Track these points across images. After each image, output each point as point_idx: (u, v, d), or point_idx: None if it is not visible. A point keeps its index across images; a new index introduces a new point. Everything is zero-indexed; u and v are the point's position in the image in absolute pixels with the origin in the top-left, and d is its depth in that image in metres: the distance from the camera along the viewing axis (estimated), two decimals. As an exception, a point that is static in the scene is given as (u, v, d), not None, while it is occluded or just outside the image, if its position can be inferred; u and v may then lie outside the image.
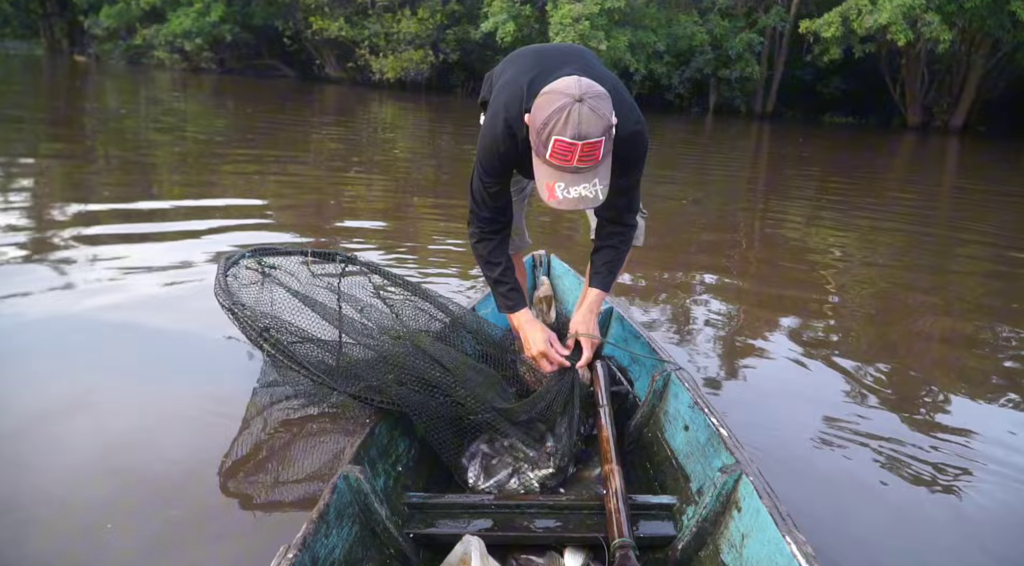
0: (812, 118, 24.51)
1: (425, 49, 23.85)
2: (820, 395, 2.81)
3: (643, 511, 1.62)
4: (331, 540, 1.35)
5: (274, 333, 1.80)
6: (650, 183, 8.87)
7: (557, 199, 1.60)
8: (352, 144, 10.57)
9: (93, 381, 2.48)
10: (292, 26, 25.77)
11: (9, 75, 19.46)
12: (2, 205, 4.95)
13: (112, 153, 8.13)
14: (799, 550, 1.21)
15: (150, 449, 2.12)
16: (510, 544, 1.57)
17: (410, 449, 1.85)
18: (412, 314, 2.23)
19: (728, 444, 1.59)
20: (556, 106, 1.52)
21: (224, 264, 2.04)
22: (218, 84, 21.50)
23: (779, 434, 2.42)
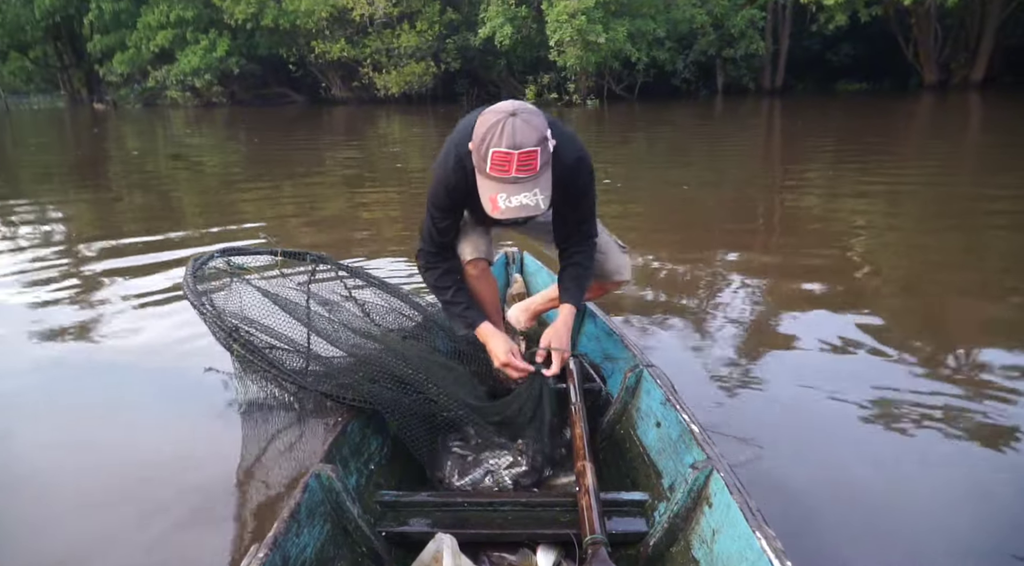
0: (825, 88, 24.06)
1: (427, 61, 24.04)
2: (857, 377, 2.67)
3: (615, 507, 1.63)
4: (302, 539, 1.36)
5: (243, 333, 1.78)
6: (661, 169, 8.87)
7: (500, 209, 1.68)
8: (363, 162, 10.66)
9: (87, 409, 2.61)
10: (296, 52, 26.19)
11: (36, 128, 20.17)
12: (34, 246, 5.12)
13: (134, 192, 8.40)
14: (769, 546, 1.22)
15: (125, 461, 2.21)
16: (482, 542, 1.57)
17: (383, 447, 1.86)
18: (384, 313, 2.24)
19: (699, 440, 1.58)
20: (492, 122, 1.65)
21: (193, 265, 2.00)
22: (229, 117, 21.94)
23: (807, 420, 2.39)
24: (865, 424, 2.34)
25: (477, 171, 1.74)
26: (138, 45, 26.88)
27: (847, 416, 2.39)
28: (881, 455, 2.16)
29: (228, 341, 1.80)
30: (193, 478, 2.10)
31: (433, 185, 1.92)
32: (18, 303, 3.84)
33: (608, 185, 7.53)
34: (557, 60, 21.01)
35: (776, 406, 2.49)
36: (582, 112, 19.98)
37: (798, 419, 2.40)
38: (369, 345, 1.99)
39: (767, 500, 1.45)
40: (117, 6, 27.17)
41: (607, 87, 23.11)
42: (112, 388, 2.79)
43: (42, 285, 4.14)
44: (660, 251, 4.71)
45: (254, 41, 26.31)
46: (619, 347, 2.22)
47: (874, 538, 1.78)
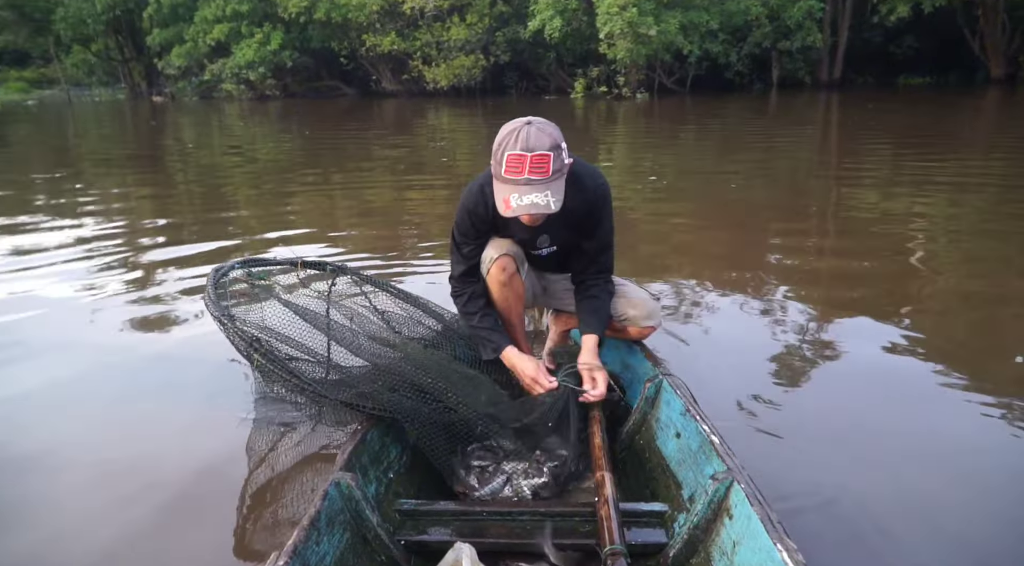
0: (886, 82, 23.28)
1: (476, 54, 24.08)
2: (900, 390, 2.59)
3: (634, 518, 1.62)
4: (322, 547, 1.36)
5: (264, 343, 1.80)
6: (712, 164, 8.68)
7: (512, 208, 1.77)
8: (411, 155, 10.74)
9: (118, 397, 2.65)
10: (347, 46, 26.54)
11: (97, 120, 20.87)
12: (94, 235, 5.25)
13: (189, 182, 8.62)
14: (790, 557, 1.20)
15: (147, 464, 2.22)
16: (501, 551, 1.57)
17: (402, 456, 1.86)
18: (404, 322, 2.25)
19: (720, 451, 1.57)
20: (508, 131, 1.79)
21: (214, 275, 2.03)
22: (282, 109, 22.35)
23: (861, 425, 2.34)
24: (899, 440, 2.24)
25: (494, 177, 1.84)
26: (195, 39, 27.60)
27: (880, 430, 2.30)
28: (914, 472, 2.06)
29: (249, 351, 1.81)
30: (212, 484, 2.11)
31: (458, 210, 2.05)
32: (73, 292, 3.95)
33: (654, 183, 7.41)
34: (607, 53, 20.81)
35: (804, 417, 2.41)
36: (631, 105, 19.75)
37: (827, 431, 2.32)
38: (389, 354, 1.99)
39: (789, 512, 1.45)
40: (175, 0, 27.93)
41: (658, 80, 22.78)
42: (136, 385, 2.82)
43: (98, 273, 4.25)
44: (703, 251, 4.61)
45: (307, 34, 26.75)
46: (638, 357, 2.22)
47: (900, 556, 1.72)
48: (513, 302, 2.13)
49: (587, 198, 1.99)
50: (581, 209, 1.97)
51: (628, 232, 5.30)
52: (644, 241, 5.00)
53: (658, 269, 4.28)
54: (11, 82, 35.56)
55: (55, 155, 12.01)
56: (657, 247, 4.82)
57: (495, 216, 1.97)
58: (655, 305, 2.25)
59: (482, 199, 1.99)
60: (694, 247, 4.78)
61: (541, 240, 2.10)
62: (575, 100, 22.46)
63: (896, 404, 2.48)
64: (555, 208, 1.77)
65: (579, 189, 1.93)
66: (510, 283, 2.08)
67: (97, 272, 4.33)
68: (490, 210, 1.97)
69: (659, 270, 4.25)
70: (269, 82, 27.48)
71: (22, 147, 13.15)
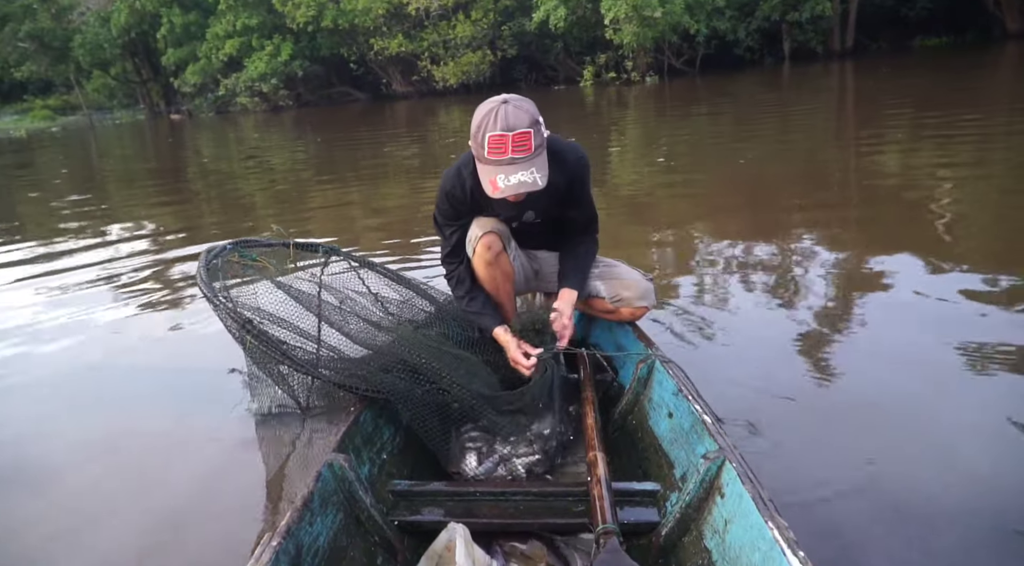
0: (901, 45, 22.72)
1: (483, 50, 24.06)
2: (914, 371, 2.48)
3: (627, 498, 1.63)
4: (315, 528, 1.38)
5: (256, 325, 1.79)
6: (725, 143, 8.60)
7: (500, 189, 1.79)
8: (420, 154, 10.83)
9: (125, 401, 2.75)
10: (356, 51, 26.67)
11: (119, 141, 21.28)
12: (115, 254, 5.39)
13: (207, 194, 8.83)
14: (781, 535, 1.21)
15: (142, 451, 2.33)
16: (495, 531, 1.58)
17: (395, 437, 1.88)
18: (397, 303, 2.27)
19: (712, 431, 1.58)
20: (485, 112, 1.78)
21: (206, 256, 2.00)
22: (296, 119, 22.57)
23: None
24: (900, 420, 2.19)
25: (476, 160, 1.85)
26: (208, 55, 27.96)
27: (881, 412, 2.24)
28: (913, 459, 2.01)
29: (241, 333, 1.80)
30: (205, 469, 2.16)
31: (438, 194, 2.08)
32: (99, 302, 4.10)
33: (662, 164, 7.39)
34: (613, 38, 20.63)
35: (799, 396, 2.35)
36: (641, 90, 19.59)
37: (823, 412, 2.26)
38: (382, 336, 2.00)
39: (780, 490, 1.44)
40: (186, 19, 28.35)
41: (667, 62, 22.54)
42: (144, 385, 2.92)
43: (122, 287, 4.40)
44: (708, 230, 4.59)
45: (316, 43, 26.95)
46: (631, 338, 2.22)
47: (890, 532, 1.71)
48: (501, 281, 2.13)
49: (568, 170, 2.01)
50: (563, 182, 2.00)
51: (633, 213, 5.33)
52: (647, 222, 5.03)
53: (659, 249, 4.30)
54: (36, 110, 36.32)
55: (79, 176, 12.33)
56: (661, 228, 4.83)
57: (475, 196, 1.99)
58: (648, 285, 2.25)
59: (459, 181, 2.00)
60: (698, 227, 4.77)
61: (527, 216, 2.11)
62: (584, 88, 22.33)
63: (905, 390, 2.36)
64: (542, 184, 1.78)
65: (560, 162, 1.95)
66: (496, 262, 2.08)
67: (120, 280, 4.48)
68: (468, 192, 2.00)
69: (660, 250, 4.27)
70: (282, 93, 27.74)
71: (48, 169, 13.52)
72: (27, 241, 6.31)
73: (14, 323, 3.83)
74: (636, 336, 2.19)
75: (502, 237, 2.08)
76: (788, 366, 2.57)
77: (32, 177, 12.82)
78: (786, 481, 1.82)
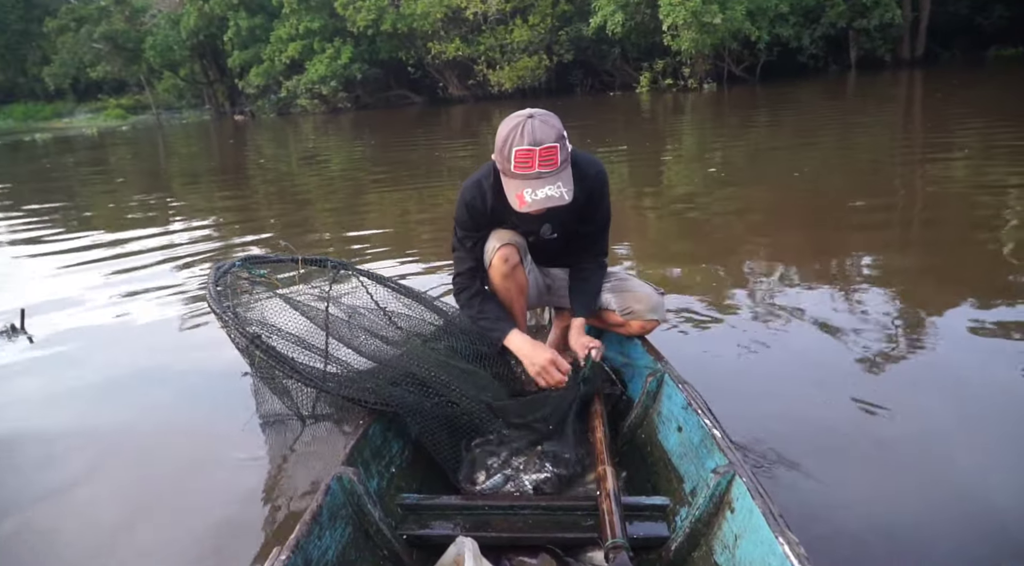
0: (974, 55, 21.84)
1: (539, 54, 24.09)
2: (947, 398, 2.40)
3: (636, 512, 1.62)
4: (324, 541, 1.37)
5: (264, 340, 1.80)
6: (784, 154, 8.37)
7: (527, 203, 1.80)
8: (477, 156, 10.84)
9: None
10: (414, 55, 27.06)
11: (186, 140, 22.05)
12: (174, 249, 5.58)
13: (270, 192, 9.06)
14: (791, 551, 1.20)
15: (149, 462, 2.34)
16: (504, 545, 1.58)
17: (404, 450, 1.88)
18: (405, 318, 2.26)
19: (721, 445, 1.57)
20: (511, 126, 1.80)
21: (215, 273, 2.03)
22: (354, 121, 22.99)
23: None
24: (922, 456, 2.11)
25: (502, 174, 1.87)
26: (271, 58, 28.75)
27: (894, 437, 2.17)
28: (925, 476, 1.99)
29: (250, 348, 1.80)
30: (215, 482, 2.16)
31: (457, 206, 2.08)
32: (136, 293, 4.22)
33: (713, 175, 7.23)
34: (671, 44, 20.39)
35: (814, 416, 2.31)
36: (698, 97, 19.30)
37: (838, 432, 2.21)
38: (390, 350, 2.00)
39: (791, 506, 1.47)
40: (252, 22, 29.20)
41: (727, 69, 22.17)
42: (160, 386, 2.95)
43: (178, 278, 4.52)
44: (754, 247, 4.46)
45: (375, 46, 27.44)
46: (640, 351, 2.23)
47: (901, 550, 1.69)
48: (515, 294, 2.14)
49: (589, 185, 2.03)
50: (583, 196, 2.01)
51: (673, 225, 5.22)
52: (688, 235, 4.92)
53: (691, 262, 4.20)
54: (110, 110, 37.92)
55: (147, 173, 12.82)
56: (700, 241, 4.72)
57: (495, 209, 2.00)
58: (659, 299, 2.25)
59: (480, 192, 2.02)
60: (738, 243, 4.64)
61: (544, 230, 2.11)
62: (640, 94, 22.14)
63: (939, 426, 2.27)
64: (568, 198, 1.81)
65: (581, 177, 1.97)
66: (512, 275, 2.10)
67: (177, 277, 4.61)
68: (488, 203, 2.01)
69: (691, 264, 4.17)
70: (341, 95, 28.32)
71: (118, 166, 14.10)
72: (95, 231, 6.59)
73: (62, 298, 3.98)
74: (645, 349, 2.19)
75: (519, 250, 2.09)
76: (829, 393, 2.46)
77: (104, 173, 13.36)
78: (795, 497, 1.81)
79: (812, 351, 2.84)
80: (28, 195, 10.27)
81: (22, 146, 22.21)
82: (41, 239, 6.48)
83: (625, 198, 6.40)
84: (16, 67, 41.63)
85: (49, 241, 6.36)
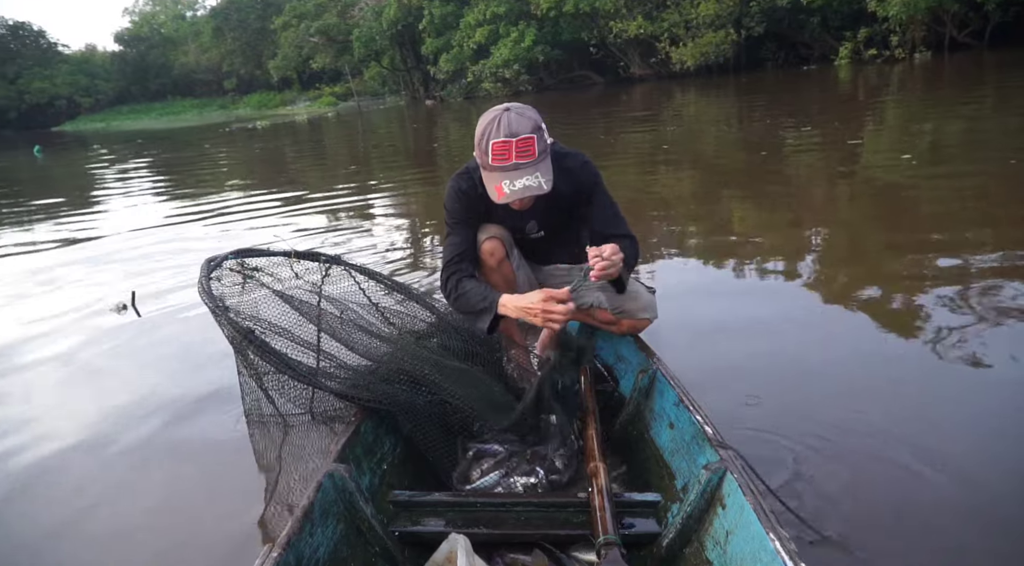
0: None
1: (726, 29, 22.81)
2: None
3: (628, 508, 1.62)
4: (316, 539, 1.38)
5: (257, 335, 1.77)
6: (1011, 133, 7.22)
7: (505, 194, 1.81)
8: (656, 140, 10.55)
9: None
10: (596, 34, 26.87)
11: (387, 123, 23.79)
12: (375, 221, 6.02)
13: (450, 166, 9.52)
14: (782, 547, 1.21)
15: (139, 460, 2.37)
16: (496, 542, 1.58)
17: (396, 447, 1.87)
18: (397, 314, 2.21)
19: (713, 441, 1.57)
20: (488, 119, 1.82)
21: (207, 266, 1.98)
22: (535, 103, 22.77)
23: None
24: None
25: (482, 168, 1.88)
26: (460, 44, 30.06)
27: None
28: (919, 468, 1.91)
29: (242, 343, 1.76)
30: (205, 479, 2.17)
31: (447, 196, 2.07)
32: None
33: (906, 162, 6.40)
34: (877, 11, 18.32)
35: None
36: (906, 68, 17.18)
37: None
38: (383, 347, 1.95)
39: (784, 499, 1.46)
40: (445, 10, 30.69)
41: (948, 35, 19.50)
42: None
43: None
44: (931, 249, 3.86)
45: (558, 28, 27.64)
46: (632, 348, 2.21)
47: (894, 541, 1.66)
48: (502, 287, 2.09)
49: (576, 180, 2.00)
50: (569, 192, 1.99)
51: (836, 220, 4.72)
52: (851, 231, 4.41)
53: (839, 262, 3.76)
54: (325, 97, 41.95)
55: (346, 153, 14.04)
56: (859, 238, 4.22)
57: (485, 198, 1.93)
58: (651, 298, 2.22)
59: (471, 181, 2.00)
60: (905, 240, 4.06)
61: (530, 227, 2.10)
62: (839, 67, 20.20)
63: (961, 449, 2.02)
64: (547, 188, 1.81)
65: (564, 170, 1.95)
66: (499, 268, 2.10)
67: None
68: (479, 191, 1.98)
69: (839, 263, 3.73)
70: (523, 78, 28.90)
71: (318, 148, 15.62)
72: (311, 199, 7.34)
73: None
74: (637, 347, 2.18)
75: (504, 243, 2.09)
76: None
77: (313, 153, 14.85)
78: (787, 493, 1.76)
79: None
80: (188, 181, 11.64)
81: (242, 131, 25.13)
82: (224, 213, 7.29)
83: (792, 187, 5.91)
84: (254, 61, 47.41)
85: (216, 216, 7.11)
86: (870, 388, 2.38)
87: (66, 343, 3.63)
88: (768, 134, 9.35)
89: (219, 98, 52.62)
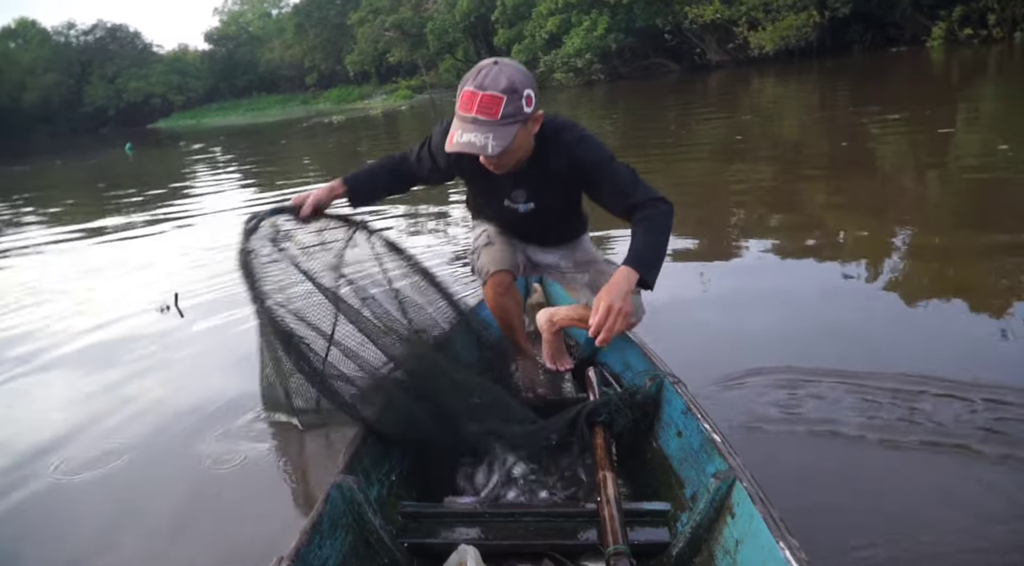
0: None
1: (808, 11, 21.80)
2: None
3: (637, 518, 1.61)
4: (324, 551, 1.38)
5: (297, 339, 1.73)
6: None
7: (452, 143, 1.72)
8: (731, 129, 10.26)
9: None
10: (671, 20, 26.21)
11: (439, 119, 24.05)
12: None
13: None
14: (793, 556, 1.20)
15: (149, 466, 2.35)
16: (505, 553, 1.56)
17: (404, 458, 1.86)
18: (415, 305, 2.10)
19: (721, 450, 1.56)
20: (475, 68, 1.74)
21: (245, 228, 1.87)
22: (606, 93, 23.00)
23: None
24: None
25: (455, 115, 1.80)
26: (532, 34, 29.96)
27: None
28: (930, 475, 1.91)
29: (283, 340, 1.74)
30: (214, 489, 2.15)
31: (424, 140, 2.07)
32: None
33: (1003, 153, 5.94)
34: (977, -14, 17.11)
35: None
36: (1003, 50, 15.97)
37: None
38: (397, 346, 1.87)
39: (792, 511, 1.40)
40: (517, 0, 30.62)
41: (1055, 10, 18.03)
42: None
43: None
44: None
45: (632, 14, 27.13)
46: (639, 356, 2.18)
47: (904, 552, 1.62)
48: (512, 308, 2.11)
49: (570, 154, 1.86)
50: (561, 166, 1.87)
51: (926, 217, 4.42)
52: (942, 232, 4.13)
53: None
54: (400, 90, 42.62)
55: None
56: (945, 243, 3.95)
57: (459, 159, 1.89)
58: (638, 299, 2.08)
59: (444, 135, 1.89)
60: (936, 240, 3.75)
61: (516, 194, 1.99)
62: (932, 49, 18.98)
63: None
64: (492, 152, 1.69)
65: (555, 143, 1.85)
66: (507, 293, 2.08)
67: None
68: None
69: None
70: (595, 67, 28.52)
71: (403, 138, 15.89)
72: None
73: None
74: (644, 354, 2.14)
75: (513, 273, 2.07)
76: None
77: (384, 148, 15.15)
78: (795, 502, 1.68)
79: None
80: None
81: (320, 126, 25.79)
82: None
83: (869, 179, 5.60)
84: (334, 56, 48.64)
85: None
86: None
87: (103, 336, 3.75)
88: (851, 122, 8.91)
89: (301, 94, 54.21)
